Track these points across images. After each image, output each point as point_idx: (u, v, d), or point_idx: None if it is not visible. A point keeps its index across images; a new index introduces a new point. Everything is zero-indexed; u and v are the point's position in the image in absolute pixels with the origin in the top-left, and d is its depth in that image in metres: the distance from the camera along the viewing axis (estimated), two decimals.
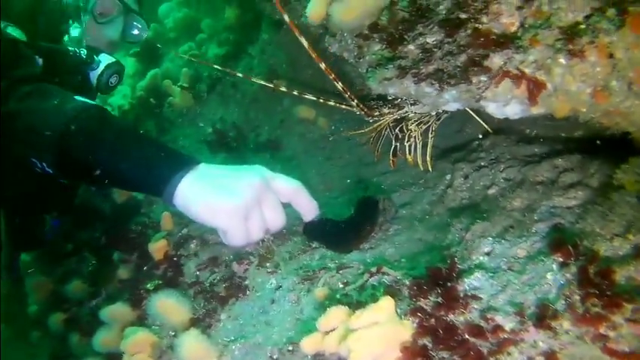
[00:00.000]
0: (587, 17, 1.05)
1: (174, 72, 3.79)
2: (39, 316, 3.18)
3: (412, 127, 2.06)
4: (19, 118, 1.53)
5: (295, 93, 1.90)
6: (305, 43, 1.49)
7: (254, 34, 3.27)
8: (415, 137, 2.07)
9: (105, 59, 2.25)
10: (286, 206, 1.33)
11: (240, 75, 1.80)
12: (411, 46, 1.44)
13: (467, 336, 1.08)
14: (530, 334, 1.02)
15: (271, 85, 1.97)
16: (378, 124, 2.07)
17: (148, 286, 2.04)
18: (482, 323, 1.09)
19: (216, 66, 2.52)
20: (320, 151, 2.74)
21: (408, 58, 1.45)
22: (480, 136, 2.06)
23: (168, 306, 1.74)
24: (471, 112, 2.00)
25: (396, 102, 1.97)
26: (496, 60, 1.20)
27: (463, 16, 1.29)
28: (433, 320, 1.15)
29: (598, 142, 1.52)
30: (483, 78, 1.23)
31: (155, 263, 2.15)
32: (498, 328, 1.06)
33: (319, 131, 2.80)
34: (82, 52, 2.19)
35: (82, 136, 1.41)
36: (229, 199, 1.19)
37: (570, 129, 1.82)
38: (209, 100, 3.28)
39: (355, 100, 1.77)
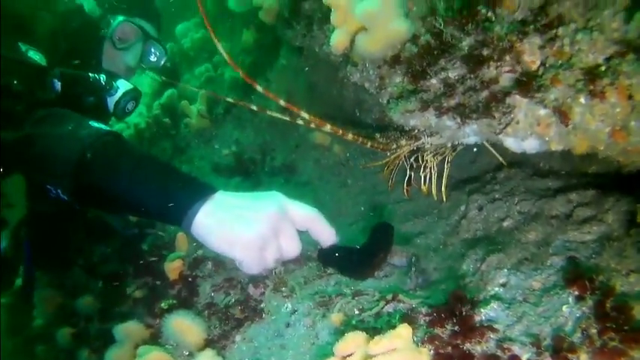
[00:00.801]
0: (608, 59, 1.10)
1: (191, 92, 3.87)
2: (45, 329, 3.20)
3: (428, 157, 2.10)
4: (35, 143, 1.53)
5: (313, 126, 1.94)
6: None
7: (272, 58, 3.35)
8: (431, 168, 2.11)
9: (123, 85, 2.28)
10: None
11: (254, 108, 1.82)
12: (433, 80, 1.48)
13: None
14: None
15: (288, 119, 2.00)
16: (394, 155, 2.12)
17: (162, 305, 2.06)
18: (499, 353, 1.11)
19: (229, 99, 2.58)
20: (335, 178, 2.78)
21: (430, 92, 1.50)
22: (496, 168, 2.10)
23: (184, 326, 1.76)
24: (487, 146, 2.04)
25: (413, 133, 2.02)
26: (518, 97, 1.24)
27: (486, 52, 1.34)
28: (450, 348, 1.17)
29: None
30: (505, 114, 1.27)
31: (170, 283, 2.17)
32: (515, 358, 1.08)
33: (334, 157, 2.85)
34: (101, 77, 2.21)
35: (98, 164, 1.40)
36: (246, 231, 1.20)
37: (585, 164, 1.85)
38: (225, 122, 3.34)
39: (372, 139, 1.82)
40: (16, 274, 2.70)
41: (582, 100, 1.11)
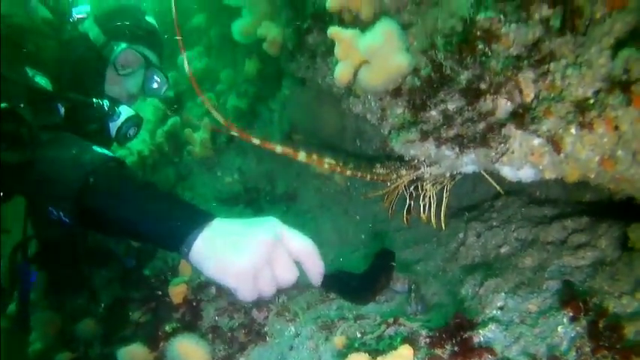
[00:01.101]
0: (596, 93, 1.17)
1: (195, 119, 3.95)
2: (44, 354, 3.19)
3: (427, 186, 2.17)
4: (39, 166, 1.57)
5: (314, 158, 2.00)
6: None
7: (275, 88, 3.44)
8: (430, 197, 2.18)
9: (125, 111, 2.32)
10: None
11: (257, 142, 1.86)
12: (433, 112, 1.56)
13: None
14: None
15: (291, 152, 2.02)
16: (394, 185, 2.19)
17: (167, 328, 2.09)
18: None
19: (233, 133, 2.65)
20: (336, 206, 2.84)
21: (429, 123, 1.58)
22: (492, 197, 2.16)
23: (189, 348, 1.79)
24: (485, 175, 2.11)
25: (412, 163, 2.10)
26: (513, 127, 1.32)
27: (483, 86, 1.42)
28: None
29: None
30: (501, 144, 1.34)
31: (174, 307, 2.20)
32: None
33: (335, 186, 2.91)
34: (104, 103, 2.26)
35: (100, 189, 1.44)
36: (238, 260, 1.21)
37: (580, 193, 1.92)
38: (228, 150, 3.41)
39: (373, 172, 1.88)
40: (10, 299, 2.71)
41: (573, 130, 1.19)
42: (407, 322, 1.54)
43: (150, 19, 2.61)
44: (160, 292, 2.38)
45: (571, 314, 1.21)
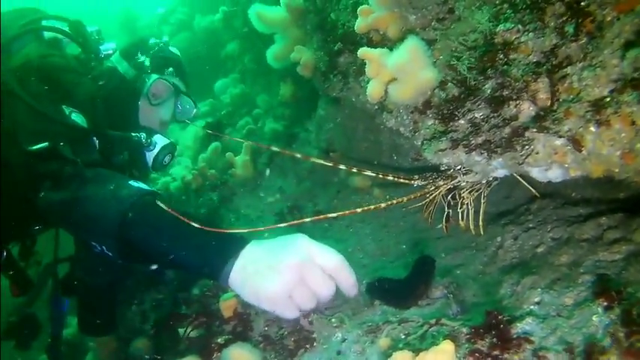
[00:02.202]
0: (612, 92, 1.24)
1: (234, 144, 4.12)
2: None
3: (465, 194, 2.24)
4: (80, 204, 1.68)
5: (355, 170, 2.12)
6: None
7: (310, 109, 3.58)
8: (467, 204, 2.24)
9: (160, 141, 2.47)
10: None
11: (299, 156, 1.98)
12: (461, 121, 1.65)
13: None
14: None
15: (330, 164, 2.14)
16: (433, 195, 2.27)
17: (219, 340, 2.20)
18: None
19: (274, 148, 2.77)
20: (376, 220, 2.92)
21: (459, 131, 1.66)
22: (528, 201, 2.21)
23: (242, 357, 1.90)
24: (518, 178, 2.17)
25: (449, 172, 2.18)
26: (536, 130, 1.39)
27: (506, 93, 1.50)
28: (490, 359, 1.27)
29: None
30: (526, 146, 1.41)
31: (224, 320, 2.31)
32: None
33: (374, 200, 3.00)
34: (142, 135, 2.41)
35: (139, 224, 1.53)
36: (270, 286, 1.31)
37: (614, 191, 1.95)
38: (269, 172, 3.55)
39: (413, 180, 1.97)
40: (35, 335, 2.84)
41: (592, 128, 1.26)
42: (448, 322, 1.61)
43: (173, 48, 2.77)
44: (210, 308, 2.50)
45: (605, 304, 1.26)
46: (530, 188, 2.18)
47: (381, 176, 1.93)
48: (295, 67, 3.33)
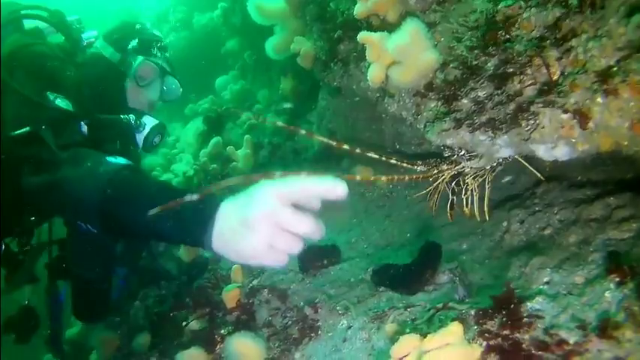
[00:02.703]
0: (618, 61, 1.21)
1: (235, 139, 4.10)
2: None
3: (469, 180, 2.21)
4: (59, 187, 1.68)
5: (358, 151, 2.10)
6: None
7: (310, 102, 3.55)
8: (472, 190, 2.21)
9: (149, 121, 2.50)
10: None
11: (303, 132, 1.96)
12: (464, 100, 1.62)
13: (533, 351, 1.17)
14: (594, 344, 1.10)
15: (334, 143, 2.13)
16: (437, 182, 2.24)
17: (222, 331, 2.18)
18: (547, 339, 1.18)
19: (279, 123, 2.75)
20: (379, 209, 2.89)
21: (462, 111, 1.63)
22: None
23: (246, 346, 1.87)
24: (522, 161, 2.13)
25: (452, 158, 2.15)
26: (542, 103, 1.36)
27: (510, 69, 1.47)
28: (500, 339, 1.24)
29: None
30: (531, 121, 1.38)
31: (228, 311, 2.29)
32: (563, 342, 1.15)
33: (378, 190, 2.97)
34: (131, 117, 2.45)
35: (118, 200, 1.52)
36: (248, 244, 1.27)
37: (621, 171, 1.92)
38: (271, 165, 3.52)
39: (413, 170, 1.95)
40: (35, 328, 2.83)
41: (599, 99, 1.22)
42: (456, 306, 1.58)
43: (155, 31, 2.82)
44: (213, 299, 2.48)
45: (617, 279, 1.23)
46: (534, 171, 2.14)
47: (384, 159, 1.90)
48: (295, 61, 3.31)
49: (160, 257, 3.68)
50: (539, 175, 2.15)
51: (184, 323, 2.52)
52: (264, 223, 1.27)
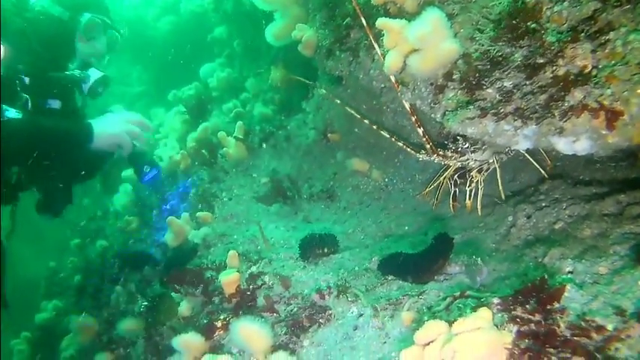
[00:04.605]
0: None
1: (222, 126, 4.02)
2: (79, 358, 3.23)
3: (474, 173, 2.22)
4: None
5: (374, 127, 2.13)
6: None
7: (302, 92, 3.51)
8: (477, 182, 2.23)
9: (94, 74, 2.88)
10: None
11: (323, 91, 1.95)
12: (489, 90, 1.62)
13: (569, 336, 1.17)
14: (635, 330, 1.11)
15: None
16: (442, 177, 2.27)
17: (222, 317, 2.11)
18: (583, 324, 1.19)
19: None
20: (375, 202, 2.88)
21: (486, 100, 1.63)
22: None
23: (251, 332, 1.82)
24: (528, 157, 2.16)
25: (458, 148, 2.16)
26: (577, 94, 1.37)
27: (540, 60, 1.48)
28: (532, 325, 1.24)
29: None
30: (564, 110, 1.39)
31: (226, 297, 2.22)
32: (601, 327, 1.16)
33: (373, 183, 2.96)
34: (75, 72, 2.84)
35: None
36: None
37: (626, 172, 1.96)
38: (262, 153, 3.46)
39: (425, 140, 1.97)
40: None
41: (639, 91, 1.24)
42: (475, 294, 1.57)
43: None
44: (207, 284, 2.40)
45: None
46: (540, 169, 2.18)
47: (394, 140, 2.05)
48: (286, 50, 3.25)
49: (141, 242, 3.59)
50: (543, 172, 2.18)
51: (176, 309, 2.45)
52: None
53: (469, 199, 2.25)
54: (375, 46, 1.95)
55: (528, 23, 1.60)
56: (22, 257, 5.74)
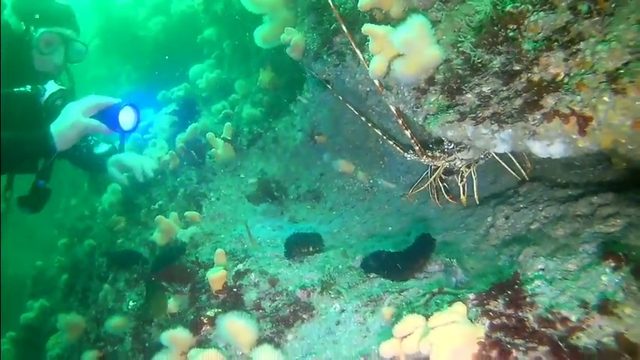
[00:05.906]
0: (626, 64, 1.31)
1: (211, 127, 4.07)
2: (65, 356, 3.25)
3: (463, 168, 2.29)
4: None
5: (363, 119, 2.21)
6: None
7: (290, 94, 3.58)
8: (469, 175, 2.31)
9: (50, 88, 2.93)
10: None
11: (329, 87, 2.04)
12: (468, 95, 1.69)
13: (537, 328, 1.25)
14: (595, 320, 1.19)
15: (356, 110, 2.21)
16: (433, 176, 2.34)
17: (209, 313, 2.17)
18: (550, 317, 1.26)
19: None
20: (360, 203, 2.95)
21: (465, 105, 1.70)
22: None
23: (238, 327, 1.88)
24: (512, 158, 2.24)
25: (445, 149, 2.23)
26: (549, 100, 1.45)
27: (517, 67, 1.56)
28: (504, 318, 1.31)
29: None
30: (538, 115, 1.47)
31: (213, 293, 2.27)
32: (565, 319, 1.23)
33: (359, 184, 3.03)
34: (26, 87, 2.87)
35: None
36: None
37: (601, 175, 2.05)
38: (250, 154, 3.51)
39: (414, 142, 2.04)
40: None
41: (606, 98, 1.32)
42: (452, 290, 1.65)
43: (61, 1, 3.16)
44: (195, 281, 2.45)
45: (613, 264, 1.32)
46: (521, 170, 2.26)
47: (385, 137, 2.16)
48: (275, 53, 3.30)
49: (129, 242, 3.62)
50: (524, 173, 2.26)
51: (164, 306, 2.49)
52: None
53: (463, 194, 2.32)
54: (357, 51, 2.02)
55: (505, 31, 1.68)
56: (11, 258, 5.73)
